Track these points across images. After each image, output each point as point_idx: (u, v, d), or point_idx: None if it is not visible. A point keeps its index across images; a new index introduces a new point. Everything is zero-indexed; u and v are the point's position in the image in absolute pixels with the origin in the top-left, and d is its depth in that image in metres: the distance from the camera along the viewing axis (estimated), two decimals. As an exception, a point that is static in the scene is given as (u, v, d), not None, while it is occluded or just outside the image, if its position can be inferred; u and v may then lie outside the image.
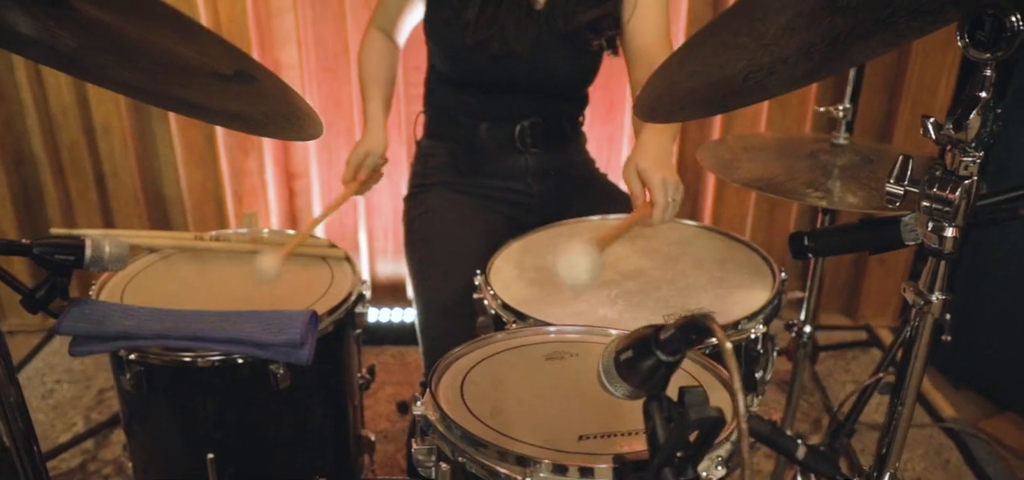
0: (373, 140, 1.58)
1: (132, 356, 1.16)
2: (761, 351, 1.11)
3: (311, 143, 2.47)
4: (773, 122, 2.43)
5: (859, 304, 2.65)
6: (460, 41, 1.50)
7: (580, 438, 0.83)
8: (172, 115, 2.43)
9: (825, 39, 0.95)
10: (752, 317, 1.10)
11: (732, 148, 1.45)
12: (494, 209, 1.63)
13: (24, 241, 1.11)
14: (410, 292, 1.59)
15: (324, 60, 2.42)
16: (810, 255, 1.04)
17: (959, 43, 0.74)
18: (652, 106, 0.94)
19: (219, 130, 2.43)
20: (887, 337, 2.55)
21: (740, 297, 1.17)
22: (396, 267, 2.71)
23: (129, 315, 1.18)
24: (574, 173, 1.70)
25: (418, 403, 0.88)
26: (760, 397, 1.15)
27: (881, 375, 1.34)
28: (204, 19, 2.27)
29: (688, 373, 0.97)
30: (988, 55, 0.73)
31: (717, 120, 2.43)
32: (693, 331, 0.60)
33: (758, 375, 1.13)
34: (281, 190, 2.59)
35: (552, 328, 1.09)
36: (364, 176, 1.57)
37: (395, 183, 2.51)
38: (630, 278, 1.24)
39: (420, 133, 1.75)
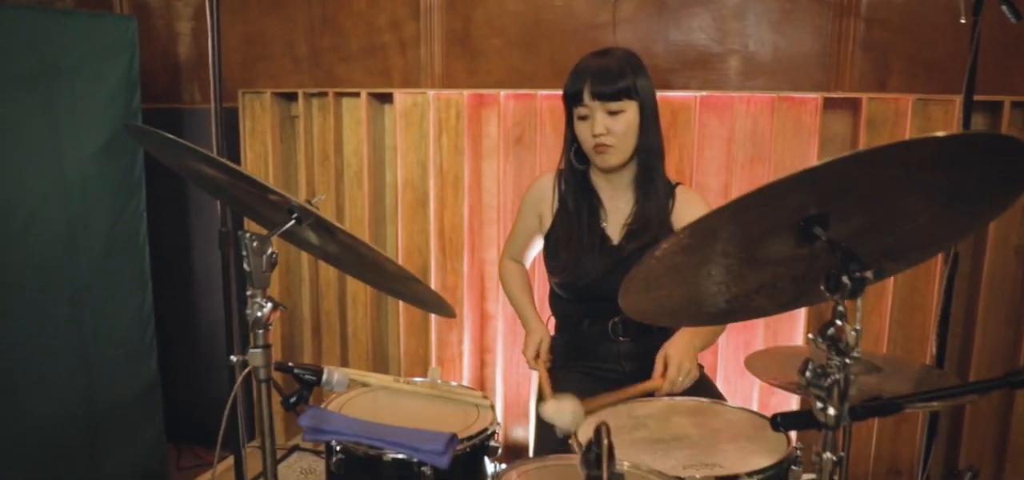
0: (539, 331, 2.23)
1: (338, 446, 1.78)
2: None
3: (500, 328, 3.13)
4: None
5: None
6: (559, 273, 2.13)
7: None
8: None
9: (788, 277, 1.36)
10: (749, 475, 1.48)
11: (775, 355, 1.85)
12: (592, 387, 2.10)
13: (289, 364, 1.81)
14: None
15: (515, 262, 3.10)
16: (781, 430, 1.42)
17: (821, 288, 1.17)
18: (634, 313, 1.43)
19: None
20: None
21: (751, 461, 1.55)
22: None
23: (341, 420, 1.82)
24: None
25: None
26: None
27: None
28: (433, 226, 3.07)
29: None
30: (837, 296, 1.15)
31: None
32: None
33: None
34: (474, 360, 3.23)
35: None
36: (544, 357, 2.18)
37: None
38: (676, 438, 1.67)
39: (552, 330, 2.35)
